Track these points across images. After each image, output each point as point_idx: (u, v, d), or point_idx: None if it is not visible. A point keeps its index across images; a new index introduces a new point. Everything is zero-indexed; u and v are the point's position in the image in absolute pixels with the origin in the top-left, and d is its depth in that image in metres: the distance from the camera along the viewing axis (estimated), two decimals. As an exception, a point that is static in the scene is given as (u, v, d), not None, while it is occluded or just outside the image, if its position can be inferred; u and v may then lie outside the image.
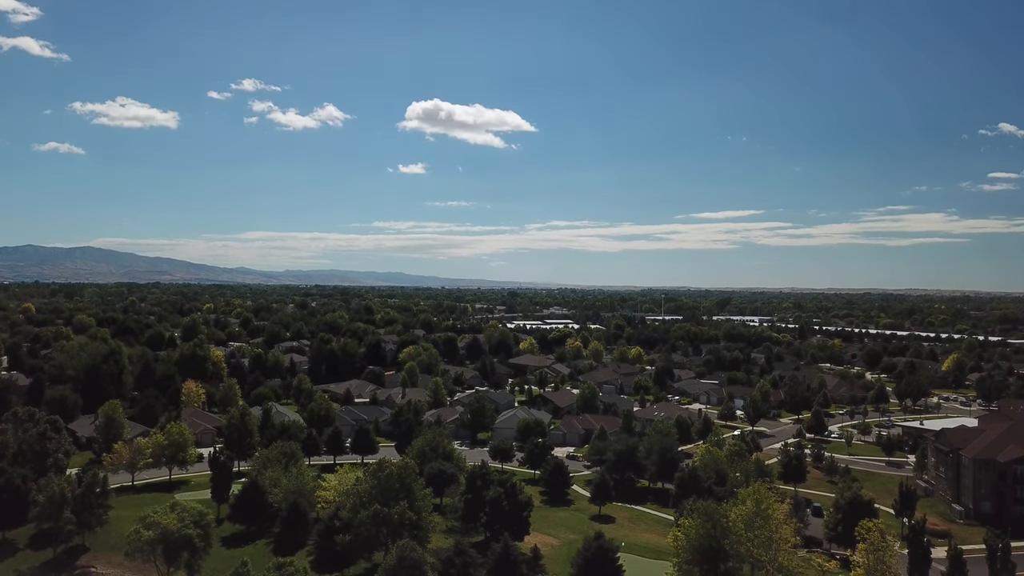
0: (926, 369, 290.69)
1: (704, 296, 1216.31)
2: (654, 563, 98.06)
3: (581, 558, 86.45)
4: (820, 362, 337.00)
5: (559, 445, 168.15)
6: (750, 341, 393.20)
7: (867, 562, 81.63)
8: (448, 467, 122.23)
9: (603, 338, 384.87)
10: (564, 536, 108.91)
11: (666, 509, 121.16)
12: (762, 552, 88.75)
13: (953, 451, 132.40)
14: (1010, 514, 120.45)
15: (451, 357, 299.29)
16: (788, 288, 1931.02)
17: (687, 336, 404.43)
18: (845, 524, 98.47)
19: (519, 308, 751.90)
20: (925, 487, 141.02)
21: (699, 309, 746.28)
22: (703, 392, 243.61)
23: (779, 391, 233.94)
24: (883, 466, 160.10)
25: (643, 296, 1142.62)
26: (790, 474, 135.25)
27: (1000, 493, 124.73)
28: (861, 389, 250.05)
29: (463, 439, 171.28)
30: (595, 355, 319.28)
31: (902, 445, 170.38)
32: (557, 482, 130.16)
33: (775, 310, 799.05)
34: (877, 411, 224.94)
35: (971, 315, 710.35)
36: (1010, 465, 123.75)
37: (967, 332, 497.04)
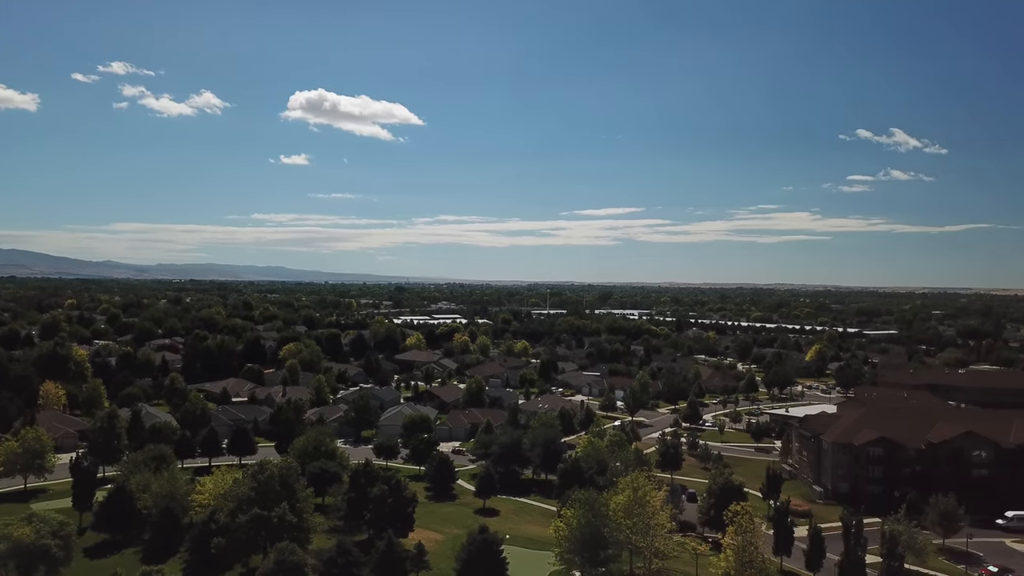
0: (792, 359, 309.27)
1: (587, 291, 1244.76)
2: (538, 554, 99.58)
3: (465, 552, 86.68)
4: (696, 354, 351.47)
5: (445, 440, 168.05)
6: (630, 334, 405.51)
7: (736, 543, 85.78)
8: (331, 466, 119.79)
9: (490, 332, 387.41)
10: (449, 531, 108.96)
11: (549, 500, 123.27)
12: (640, 538, 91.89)
13: (815, 436, 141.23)
14: (864, 493, 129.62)
15: (335, 354, 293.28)
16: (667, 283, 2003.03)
17: (571, 329, 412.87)
18: (717, 508, 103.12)
19: (406, 303, 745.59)
20: (790, 470, 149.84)
21: (583, 303, 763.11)
22: (586, 384, 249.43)
23: (657, 382, 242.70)
24: (752, 452, 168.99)
25: (530, 291, 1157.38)
26: (667, 462, 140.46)
27: (856, 474, 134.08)
28: (733, 379, 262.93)
29: (347, 437, 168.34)
30: (482, 349, 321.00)
31: (770, 431, 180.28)
32: (442, 477, 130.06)
33: (654, 304, 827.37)
34: (748, 400, 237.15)
35: (832, 308, 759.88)
36: (864, 447, 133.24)
37: (828, 324, 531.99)
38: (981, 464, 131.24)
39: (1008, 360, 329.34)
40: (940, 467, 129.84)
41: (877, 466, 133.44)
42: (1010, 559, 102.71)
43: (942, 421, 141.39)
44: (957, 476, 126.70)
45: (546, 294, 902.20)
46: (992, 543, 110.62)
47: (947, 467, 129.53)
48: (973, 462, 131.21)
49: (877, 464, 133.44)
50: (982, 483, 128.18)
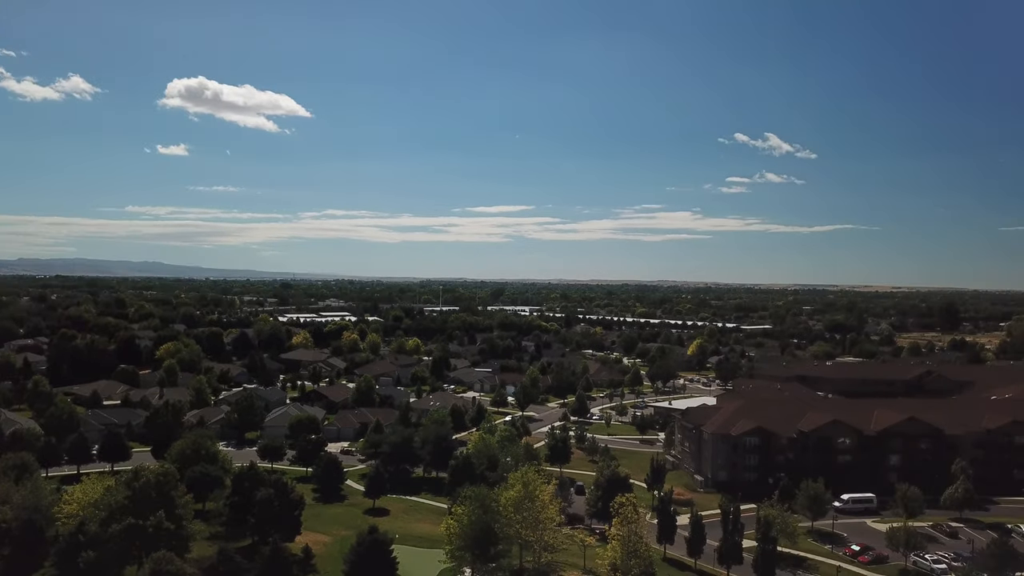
0: (675, 354, 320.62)
1: (480, 287, 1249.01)
2: (429, 552, 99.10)
3: (354, 553, 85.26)
4: (584, 349, 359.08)
5: (334, 441, 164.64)
6: (522, 330, 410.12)
7: (623, 534, 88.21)
8: (212, 470, 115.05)
9: (381, 330, 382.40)
10: (337, 532, 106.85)
11: (440, 498, 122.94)
12: (530, 532, 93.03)
13: (696, 427, 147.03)
14: (742, 480, 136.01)
15: (216, 353, 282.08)
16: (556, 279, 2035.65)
17: (463, 326, 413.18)
18: (604, 500, 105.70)
19: (293, 300, 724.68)
20: (673, 461, 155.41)
21: (475, 300, 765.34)
22: (478, 380, 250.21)
23: (547, 377, 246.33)
24: (638, 444, 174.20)
25: (422, 287, 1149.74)
26: (556, 456, 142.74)
27: (734, 462, 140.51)
28: (619, 373, 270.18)
29: (230, 440, 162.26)
30: (372, 347, 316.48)
31: (654, 424, 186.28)
32: (331, 478, 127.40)
33: (544, 300, 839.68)
34: (633, 393, 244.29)
35: (712, 304, 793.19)
36: (741, 437, 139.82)
37: (708, 320, 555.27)
38: (846, 450, 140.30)
39: (870, 352, 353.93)
40: (810, 454, 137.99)
41: (753, 454, 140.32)
42: (871, 538, 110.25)
43: (812, 411, 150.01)
44: (825, 462, 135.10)
45: (439, 291, 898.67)
46: (855, 523, 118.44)
47: (816, 454, 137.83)
48: (839, 448, 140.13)
49: (753, 453, 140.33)
50: (847, 468, 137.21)
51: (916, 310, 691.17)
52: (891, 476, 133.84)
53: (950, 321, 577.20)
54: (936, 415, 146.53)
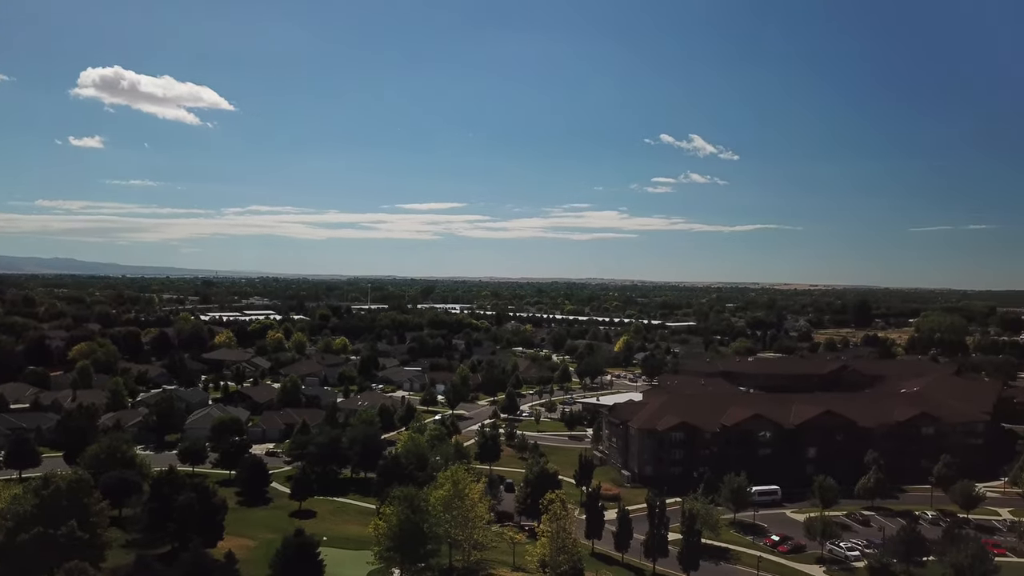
0: (602, 350, 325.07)
1: (410, 285, 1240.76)
2: (357, 554, 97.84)
3: (280, 557, 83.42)
4: (514, 346, 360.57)
5: (258, 442, 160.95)
6: (452, 328, 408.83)
7: (551, 530, 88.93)
8: (130, 475, 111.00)
9: (307, 329, 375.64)
10: (262, 536, 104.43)
11: (369, 498, 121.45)
12: (459, 531, 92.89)
13: (622, 423, 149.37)
14: (667, 475, 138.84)
15: (134, 354, 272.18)
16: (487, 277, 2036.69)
17: (393, 325, 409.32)
18: (533, 497, 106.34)
19: (215, 298, 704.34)
20: (601, 456, 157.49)
21: (404, 298, 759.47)
22: (407, 379, 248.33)
23: (477, 375, 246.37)
24: (567, 440, 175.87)
25: (350, 285, 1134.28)
26: (486, 454, 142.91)
27: (660, 457, 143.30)
28: (549, 370, 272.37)
29: (149, 443, 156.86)
30: (298, 347, 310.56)
31: (582, 420, 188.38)
32: (255, 481, 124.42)
33: (475, 298, 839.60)
34: (562, 390, 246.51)
35: (638, 302, 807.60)
36: (667, 432, 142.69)
37: (635, 317, 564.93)
38: (766, 444, 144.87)
39: (789, 348, 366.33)
40: (732, 448, 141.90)
41: (678, 449, 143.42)
42: (790, 528, 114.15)
43: (734, 405, 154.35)
44: (747, 455, 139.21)
45: (367, 289, 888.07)
46: (775, 515, 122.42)
47: (738, 447, 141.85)
48: (760, 442, 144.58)
49: (678, 447, 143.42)
50: (767, 460, 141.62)
51: (832, 307, 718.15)
52: (809, 468, 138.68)
53: (863, 318, 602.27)
54: (850, 408, 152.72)
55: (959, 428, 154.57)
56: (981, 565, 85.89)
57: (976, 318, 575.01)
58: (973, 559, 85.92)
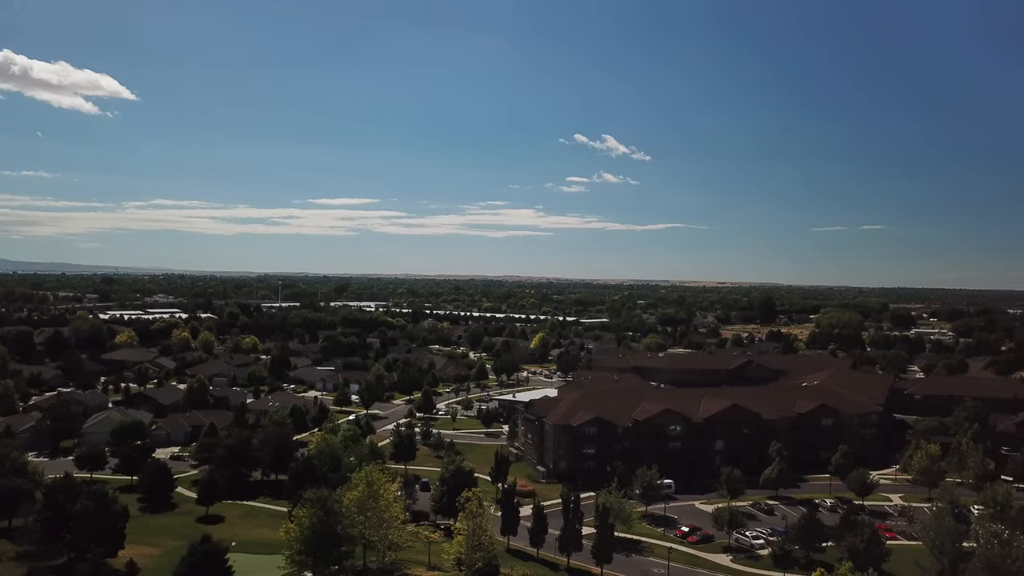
0: (519, 347, 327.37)
1: (323, 282, 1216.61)
2: (267, 558, 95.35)
3: (185, 565, 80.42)
4: (431, 344, 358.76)
5: (163, 446, 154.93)
6: (367, 326, 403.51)
7: (467, 528, 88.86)
8: (20, 483, 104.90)
9: (215, 327, 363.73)
10: (167, 544, 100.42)
11: (280, 501, 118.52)
12: (374, 532, 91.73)
13: (538, 419, 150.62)
14: (582, 469, 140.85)
15: (26, 355, 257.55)
16: (403, 274, 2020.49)
17: (305, 323, 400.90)
18: (449, 495, 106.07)
19: (116, 296, 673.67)
20: (517, 453, 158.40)
21: (318, 295, 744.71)
22: (320, 379, 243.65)
23: (393, 374, 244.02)
24: (483, 437, 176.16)
25: (260, 282, 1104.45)
26: (402, 453, 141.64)
27: (574, 452, 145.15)
28: (465, 368, 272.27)
29: (42, 449, 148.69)
30: (206, 346, 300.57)
31: (498, 417, 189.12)
32: (158, 486, 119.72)
33: (391, 295, 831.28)
34: (479, 387, 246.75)
35: (554, 299, 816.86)
36: (581, 428, 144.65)
37: (551, 314, 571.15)
38: (676, 437, 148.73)
39: (698, 344, 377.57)
40: (644, 441, 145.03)
41: (592, 444, 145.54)
42: (699, 519, 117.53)
43: (646, 400, 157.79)
44: (658, 449, 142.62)
45: (278, 286, 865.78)
46: (684, 507, 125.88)
47: (650, 441, 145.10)
48: (670, 435, 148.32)
49: (592, 442, 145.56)
50: (678, 454, 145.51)
51: (738, 304, 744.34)
52: (717, 459, 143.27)
53: (768, 314, 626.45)
54: (755, 402, 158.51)
55: (855, 419, 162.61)
56: (874, 548, 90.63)
57: (871, 314, 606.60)
58: (867, 543, 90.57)
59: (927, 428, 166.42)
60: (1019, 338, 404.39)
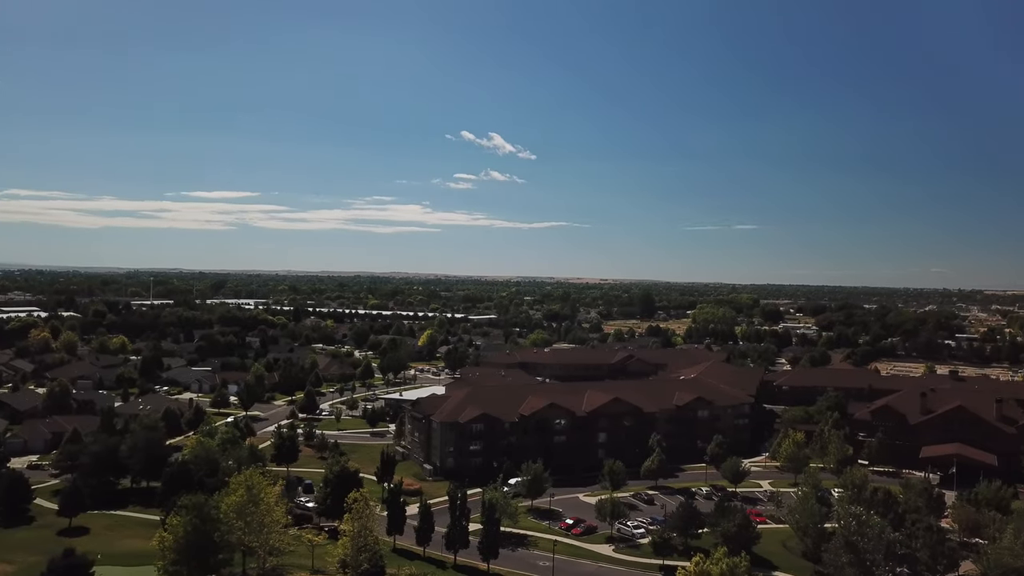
0: (406, 345, 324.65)
1: (198, 279, 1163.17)
2: (137, 570, 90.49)
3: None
4: (314, 343, 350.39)
5: (19, 455, 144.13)
6: (245, 324, 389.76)
7: (353, 529, 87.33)
8: None
9: (79, 327, 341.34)
10: (23, 560, 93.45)
11: (153, 509, 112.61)
12: (254, 538, 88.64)
13: (425, 417, 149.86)
14: (469, 466, 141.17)
15: None
16: (285, 271, 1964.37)
17: (179, 322, 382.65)
18: (334, 496, 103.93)
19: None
20: (403, 452, 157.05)
21: (193, 292, 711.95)
22: (195, 380, 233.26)
23: (274, 374, 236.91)
24: (369, 437, 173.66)
25: (129, 279, 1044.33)
26: (283, 455, 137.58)
27: (461, 449, 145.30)
28: (351, 367, 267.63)
29: None
30: (68, 347, 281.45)
31: (385, 416, 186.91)
32: (13, 498, 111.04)
33: (272, 293, 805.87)
34: (364, 386, 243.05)
35: (442, 296, 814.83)
36: (468, 424, 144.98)
37: (439, 311, 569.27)
38: (561, 431, 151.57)
39: (581, 339, 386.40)
40: (530, 436, 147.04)
41: (479, 440, 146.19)
42: (583, 511, 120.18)
43: (532, 395, 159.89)
44: (544, 443, 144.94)
45: (149, 282, 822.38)
46: (569, 499, 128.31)
47: (536, 436, 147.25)
48: (555, 430, 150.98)
49: (479, 438, 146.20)
50: (562, 448, 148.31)
51: (620, 300, 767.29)
52: (600, 452, 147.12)
53: (647, 310, 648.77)
54: (636, 395, 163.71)
55: (729, 410, 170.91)
56: (745, 532, 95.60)
57: (743, 309, 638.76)
58: (739, 528, 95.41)
59: (793, 417, 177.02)
60: (874, 332, 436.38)
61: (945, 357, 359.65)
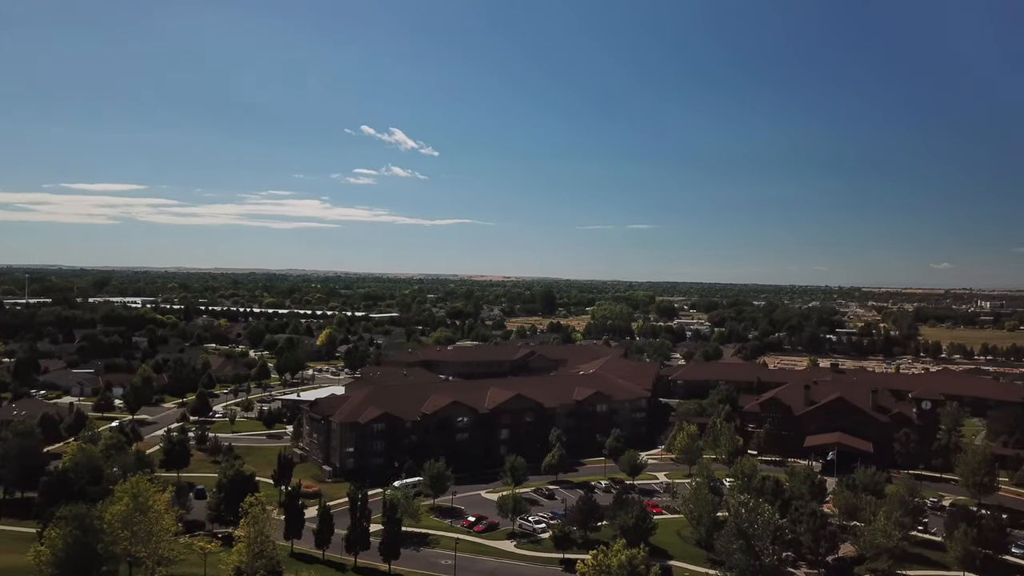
0: (304, 344, 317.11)
1: (80, 276, 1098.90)
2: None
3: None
4: (206, 343, 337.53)
5: None
6: (132, 324, 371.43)
7: (248, 535, 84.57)
8: None
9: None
10: None
11: (29, 522, 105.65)
12: (141, 548, 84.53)
13: (324, 418, 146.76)
14: (370, 467, 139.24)
15: None
16: (175, 267, 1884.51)
17: (58, 321, 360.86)
18: (228, 502, 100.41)
19: None
20: (301, 454, 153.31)
21: (73, 290, 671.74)
22: (76, 383, 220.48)
23: (163, 375, 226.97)
24: (265, 439, 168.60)
25: (2, 275, 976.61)
26: (173, 460, 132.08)
27: (362, 450, 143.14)
28: (245, 367, 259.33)
29: None
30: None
31: (282, 417, 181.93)
32: None
33: (160, 290, 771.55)
34: (260, 387, 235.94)
35: (342, 293, 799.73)
36: (369, 424, 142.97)
37: (338, 309, 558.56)
38: (464, 428, 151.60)
39: (484, 336, 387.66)
40: (432, 435, 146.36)
41: (380, 440, 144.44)
42: (485, 508, 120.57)
43: (434, 393, 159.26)
44: (446, 441, 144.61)
45: (24, 279, 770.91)
46: (471, 496, 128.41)
47: (438, 434, 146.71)
48: (458, 427, 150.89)
49: (380, 438, 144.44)
50: (465, 445, 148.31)
51: (522, 297, 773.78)
52: (502, 448, 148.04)
53: (549, 307, 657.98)
54: (538, 391, 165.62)
55: (627, 404, 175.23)
56: (642, 524, 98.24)
57: (639, 306, 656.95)
58: (636, 519, 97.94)
59: (687, 410, 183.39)
60: (762, 327, 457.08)
61: (826, 351, 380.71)
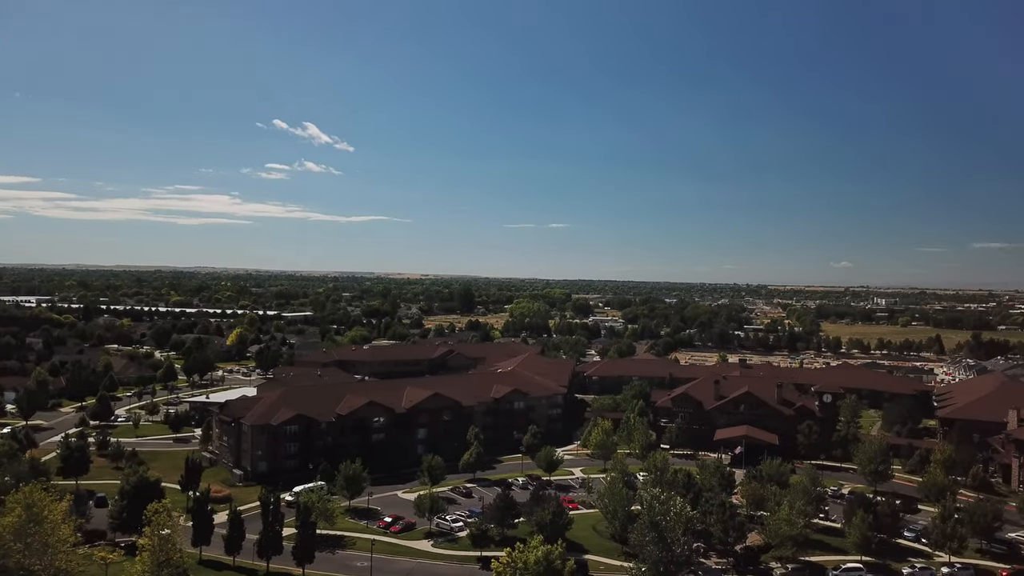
0: (213, 344, 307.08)
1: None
2: None
3: None
4: (108, 343, 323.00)
5: None
6: (26, 324, 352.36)
7: (153, 543, 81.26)
8: None
9: None
10: None
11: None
12: (36, 560, 80.00)
13: (235, 420, 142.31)
14: (283, 469, 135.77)
15: None
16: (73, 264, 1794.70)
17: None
18: (131, 509, 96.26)
19: None
20: (210, 457, 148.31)
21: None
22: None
23: (61, 378, 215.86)
24: (172, 443, 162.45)
25: None
26: (72, 467, 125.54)
27: (274, 452, 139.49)
28: (150, 368, 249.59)
29: None
30: None
31: (190, 420, 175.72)
32: None
33: (57, 288, 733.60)
34: (166, 389, 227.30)
35: (253, 291, 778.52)
36: (282, 426, 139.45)
37: (249, 307, 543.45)
38: (380, 429, 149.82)
39: (402, 335, 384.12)
40: (348, 436, 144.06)
41: (294, 442, 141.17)
42: (402, 508, 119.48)
43: (350, 394, 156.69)
44: (362, 442, 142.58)
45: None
46: (388, 497, 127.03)
47: (354, 435, 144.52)
48: (374, 428, 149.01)
49: (294, 440, 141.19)
50: (381, 446, 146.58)
51: (441, 295, 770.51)
52: (420, 448, 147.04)
53: (467, 305, 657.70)
54: (455, 389, 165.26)
55: (543, 401, 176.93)
56: (559, 519, 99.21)
57: (556, 304, 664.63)
58: (553, 515, 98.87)
59: (602, 406, 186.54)
60: (674, 324, 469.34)
61: (735, 347, 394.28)
